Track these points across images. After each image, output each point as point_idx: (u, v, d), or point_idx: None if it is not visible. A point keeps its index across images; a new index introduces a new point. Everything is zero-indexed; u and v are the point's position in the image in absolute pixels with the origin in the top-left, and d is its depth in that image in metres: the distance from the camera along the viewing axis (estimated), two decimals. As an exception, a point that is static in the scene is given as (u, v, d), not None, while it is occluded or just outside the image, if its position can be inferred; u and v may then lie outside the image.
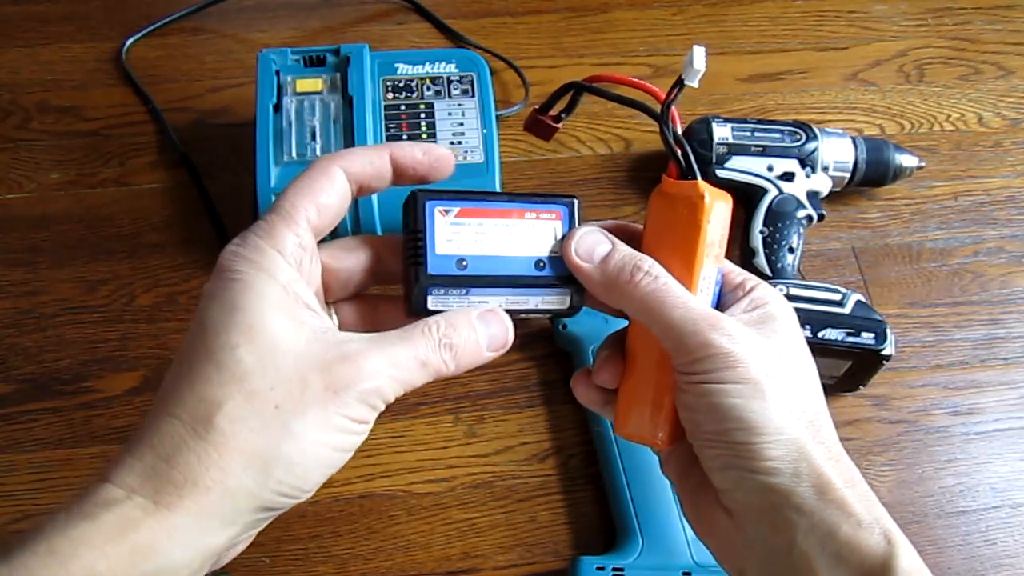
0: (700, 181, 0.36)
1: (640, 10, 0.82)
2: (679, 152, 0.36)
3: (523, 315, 0.38)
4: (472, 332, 0.35)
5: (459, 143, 0.65)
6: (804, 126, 0.67)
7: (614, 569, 0.51)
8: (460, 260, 0.36)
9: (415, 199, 0.36)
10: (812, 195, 0.66)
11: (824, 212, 0.65)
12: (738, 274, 0.38)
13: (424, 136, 0.65)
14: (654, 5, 0.82)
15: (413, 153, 0.36)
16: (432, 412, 0.60)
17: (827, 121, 0.75)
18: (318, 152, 0.63)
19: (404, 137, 0.64)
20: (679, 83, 0.36)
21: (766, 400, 0.33)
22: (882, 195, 0.71)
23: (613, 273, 0.36)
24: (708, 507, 0.36)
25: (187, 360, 0.32)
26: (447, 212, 0.36)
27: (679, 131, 0.36)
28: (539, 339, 0.63)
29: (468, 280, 0.36)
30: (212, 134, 0.73)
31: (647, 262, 0.36)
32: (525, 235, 0.37)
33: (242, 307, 0.32)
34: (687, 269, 0.36)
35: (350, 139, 0.63)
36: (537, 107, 0.43)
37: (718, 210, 0.36)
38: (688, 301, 0.35)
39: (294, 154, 0.63)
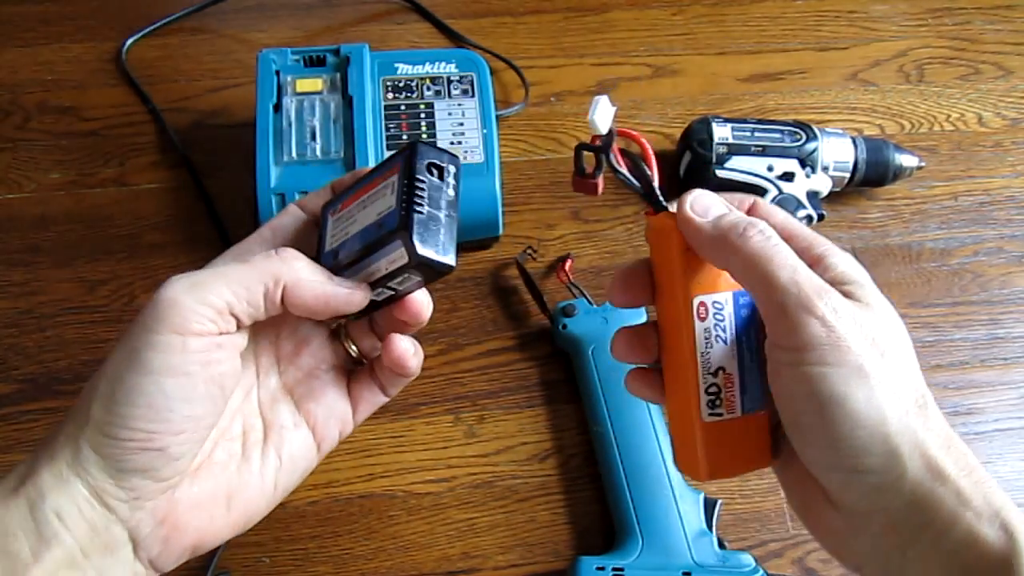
0: (669, 210, 0.35)
1: (640, 10, 0.82)
2: (640, 188, 0.36)
3: (393, 291, 0.37)
4: (308, 263, 0.36)
5: (459, 143, 0.65)
6: (804, 126, 0.67)
7: (614, 569, 0.51)
8: (335, 252, 0.37)
9: (322, 215, 0.38)
10: (812, 195, 0.66)
11: (824, 212, 0.65)
12: (812, 246, 0.35)
13: (424, 136, 0.65)
14: (654, 5, 0.82)
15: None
16: (432, 412, 0.60)
17: (827, 121, 0.75)
18: (318, 152, 0.63)
19: (404, 137, 0.64)
20: (594, 140, 0.36)
21: (871, 387, 0.31)
22: (882, 195, 0.71)
23: (725, 227, 0.33)
24: (817, 504, 0.34)
25: None
26: (335, 212, 0.38)
27: (624, 171, 0.36)
28: (539, 339, 0.63)
29: (340, 268, 0.36)
30: (212, 134, 0.73)
31: (762, 223, 0.34)
32: (375, 202, 0.36)
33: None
34: (677, 301, 0.35)
35: (350, 139, 0.63)
36: (575, 171, 0.41)
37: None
38: (797, 266, 0.32)
39: (294, 154, 0.63)
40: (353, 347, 0.41)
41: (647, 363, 0.38)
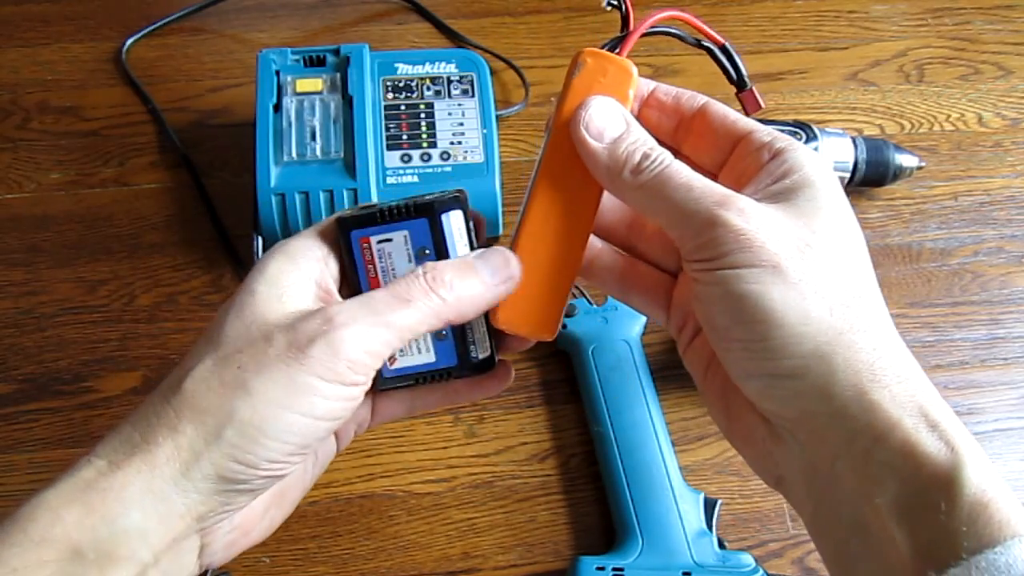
0: (604, 53, 0.35)
1: (640, 10, 0.81)
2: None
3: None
4: (464, 263, 0.33)
5: (459, 143, 0.65)
6: (804, 126, 0.67)
7: (614, 569, 0.51)
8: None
9: None
10: (812, 195, 0.66)
11: (824, 212, 0.65)
12: (758, 137, 0.33)
13: (424, 136, 0.65)
14: (654, 5, 0.82)
15: None
16: (432, 412, 0.60)
17: (827, 121, 0.75)
18: (318, 152, 0.63)
19: (404, 137, 0.64)
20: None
21: (788, 284, 0.28)
22: (882, 195, 0.71)
23: (620, 158, 0.32)
24: (740, 412, 0.32)
25: None
26: None
27: None
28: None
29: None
30: (212, 134, 0.73)
31: (657, 149, 0.32)
32: (391, 259, 0.35)
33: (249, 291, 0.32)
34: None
35: (350, 139, 0.63)
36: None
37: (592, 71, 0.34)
38: (692, 180, 0.31)
39: (294, 154, 0.63)
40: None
41: None
